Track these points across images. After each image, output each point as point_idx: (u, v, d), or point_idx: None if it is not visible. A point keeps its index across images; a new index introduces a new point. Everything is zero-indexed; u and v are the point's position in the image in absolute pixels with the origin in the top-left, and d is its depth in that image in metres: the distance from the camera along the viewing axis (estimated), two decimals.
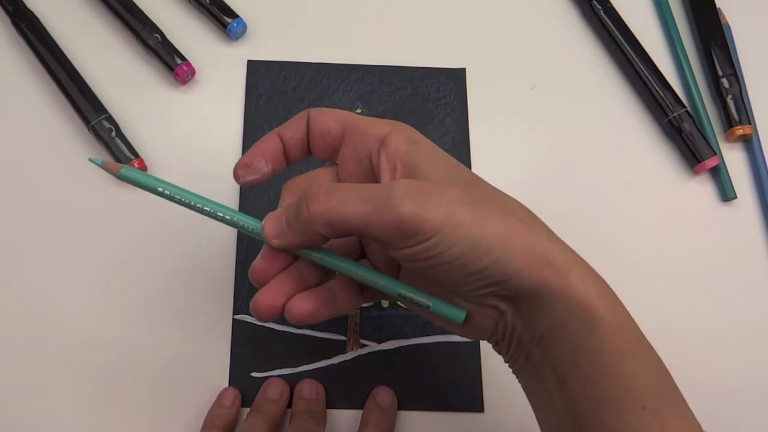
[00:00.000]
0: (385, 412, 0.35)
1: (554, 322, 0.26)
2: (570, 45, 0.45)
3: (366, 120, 0.28)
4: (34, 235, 0.38)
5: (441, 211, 0.24)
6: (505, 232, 0.25)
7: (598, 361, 0.25)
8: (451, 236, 0.24)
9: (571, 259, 0.26)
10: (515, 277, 0.25)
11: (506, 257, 0.25)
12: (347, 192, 0.25)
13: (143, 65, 0.42)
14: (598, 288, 0.26)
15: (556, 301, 0.25)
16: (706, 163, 0.41)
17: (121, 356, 0.36)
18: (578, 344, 0.25)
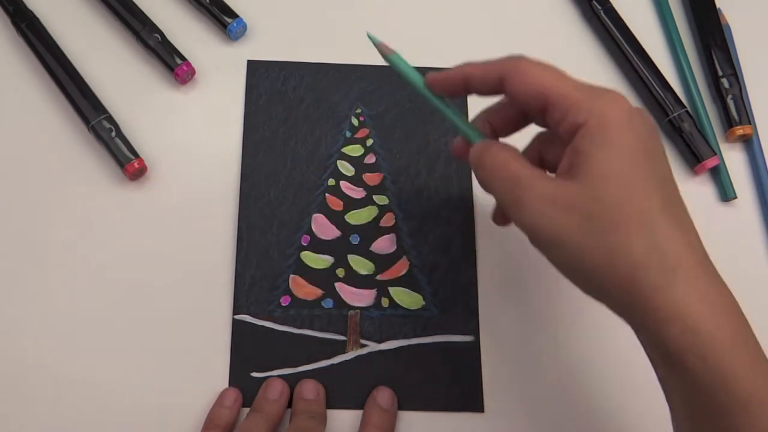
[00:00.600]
0: (386, 412, 0.35)
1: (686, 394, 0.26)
2: (570, 45, 0.45)
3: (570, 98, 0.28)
4: (33, 235, 0.38)
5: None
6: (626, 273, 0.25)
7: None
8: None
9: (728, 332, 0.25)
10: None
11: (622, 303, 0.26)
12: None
13: (143, 65, 0.42)
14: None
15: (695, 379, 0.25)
16: (706, 163, 0.41)
17: (119, 356, 0.36)
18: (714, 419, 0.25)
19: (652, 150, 0.27)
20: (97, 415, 0.35)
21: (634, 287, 0.25)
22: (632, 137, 0.27)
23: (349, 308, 0.38)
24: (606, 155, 0.27)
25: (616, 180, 0.26)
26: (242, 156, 0.40)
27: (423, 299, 0.38)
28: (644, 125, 0.27)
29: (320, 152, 0.41)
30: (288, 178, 0.40)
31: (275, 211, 0.39)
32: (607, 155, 0.26)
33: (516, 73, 0.30)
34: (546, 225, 0.27)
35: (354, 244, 0.39)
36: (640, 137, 0.27)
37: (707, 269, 0.26)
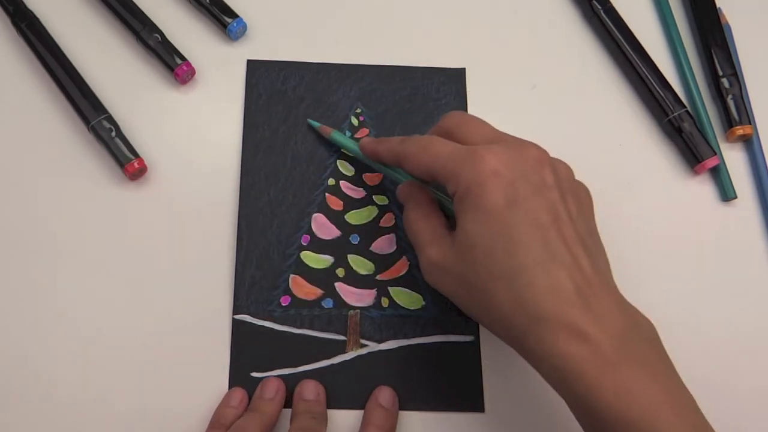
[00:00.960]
0: (387, 412, 0.35)
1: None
2: (570, 45, 0.45)
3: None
4: (33, 235, 0.38)
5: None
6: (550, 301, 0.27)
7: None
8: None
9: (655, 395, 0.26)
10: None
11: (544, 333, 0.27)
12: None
13: (143, 65, 0.42)
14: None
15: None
16: (706, 163, 0.41)
17: (118, 356, 0.36)
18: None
19: (521, 199, 0.28)
20: (96, 415, 0.35)
21: (510, 338, 0.29)
22: (493, 197, 0.28)
23: (349, 308, 0.38)
24: (470, 218, 0.29)
25: (478, 242, 0.28)
26: (242, 156, 0.40)
27: (423, 299, 0.38)
28: (514, 174, 0.28)
29: (320, 152, 0.41)
30: (288, 178, 0.40)
31: (275, 211, 0.39)
32: (471, 218, 0.29)
33: (405, 159, 0.33)
34: (437, 284, 0.32)
35: (354, 244, 0.39)
36: (502, 192, 0.28)
37: (577, 304, 0.27)
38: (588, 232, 0.30)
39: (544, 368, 0.28)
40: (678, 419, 0.26)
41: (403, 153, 0.33)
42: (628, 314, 0.28)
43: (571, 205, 0.30)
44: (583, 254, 0.28)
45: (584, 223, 0.30)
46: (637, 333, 0.28)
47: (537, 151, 0.30)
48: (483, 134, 0.32)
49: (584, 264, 0.28)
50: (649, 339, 0.29)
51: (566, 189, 0.30)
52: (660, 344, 0.29)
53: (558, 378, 0.27)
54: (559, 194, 0.29)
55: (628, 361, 0.26)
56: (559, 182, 0.30)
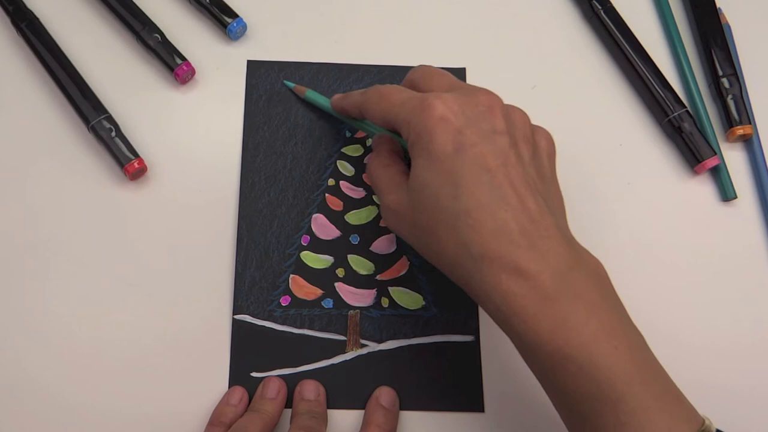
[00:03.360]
0: (388, 412, 0.35)
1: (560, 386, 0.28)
2: (570, 45, 0.45)
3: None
4: (33, 235, 0.38)
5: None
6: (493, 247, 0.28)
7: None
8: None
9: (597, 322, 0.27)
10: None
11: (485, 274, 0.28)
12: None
13: (143, 65, 0.42)
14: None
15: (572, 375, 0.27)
16: (706, 163, 0.41)
17: (119, 356, 0.36)
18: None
19: (468, 144, 0.28)
20: (96, 415, 0.35)
21: (457, 279, 0.30)
22: (441, 143, 0.29)
23: (349, 308, 0.38)
24: (420, 164, 0.29)
25: (426, 187, 0.29)
26: (242, 156, 0.40)
27: (423, 299, 0.38)
28: (462, 121, 0.29)
29: (320, 152, 0.41)
30: (288, 178, 0.40)
31: (275, 211, 0.39)
32: (420, 164, 0.29)
33: (365, 110, 0.34)
34: (394, 229, 0.33)
35: (354, 244, 0.39)
36: (451, 138, 0.29)
37: (521, 243, 0.27)
38: (540, 177, 0.30)
39: (488, 307, 0.28)
40: (617, 353, 0.26)
41: (364, 104, 0.34)
42: (573, 251, 0.28)
43: (523, 149, 0.30)
44: (530, 196, 0.28)
45: (536, 168, 0.30)
46: (580, 270, 0.28)
47: (488, 97, 0.30)
48: (442, 84, 0.32)
49: (530, 206, 0.28)
50: (595, 275, 0.29)
51: (519, 135, 0.30)
52: (606, 281, 0.29)
53: (500, 316, 0.28)
54: (509, 139, 0.29)
55: (568, 297, 0.27)
56: (512, 128, 0.30)
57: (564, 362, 0.26)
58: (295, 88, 0.41)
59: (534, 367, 0.29)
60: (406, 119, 0.30)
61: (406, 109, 0.30)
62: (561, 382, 0.27)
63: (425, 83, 0.33)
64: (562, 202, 0.32)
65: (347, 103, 0.36)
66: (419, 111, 0.29)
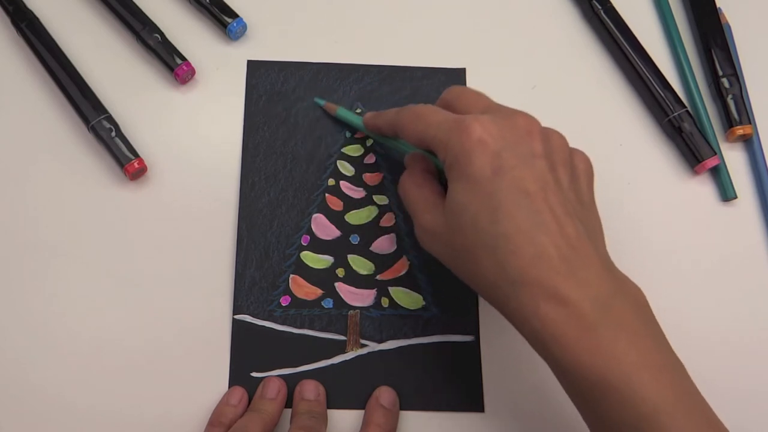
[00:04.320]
0: (388, 411, 0.35)
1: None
2: (570, 45, 0.45)
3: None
4: (33, 235, 0.38)
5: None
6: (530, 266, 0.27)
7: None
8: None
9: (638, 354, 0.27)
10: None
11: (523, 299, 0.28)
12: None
13: (143, 65, 0.42)
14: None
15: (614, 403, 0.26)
16: (706, 163, 0.41)
17: (119, 356, 0.36)
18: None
19: (507, 168, 0.28)
20: (96, 415, 0.35)
21: (494, 302, 0.29)
22: (479, 166, 0.28)
23: (349, 308, 0.38)
24: (458, 187, 0.29)
25: (465, 210, 0.29)
26: (242, 156, 0.40)
27: (423, 299, 0.38)
28: (500, 144, 0.29)
29: (320, 152, 0.41)
30: (288, 178, 0.40)
31: (275, 211, 0.39)
32: (458, 187, 0.29)
33: (400, 129, 0.33)
34: (430, 250, 0.32)
35: (354, 244, 0.39)
36: (489, 161, 0.28)
37: (560, 270, 0.27)
38: (579, 201, 0.30)
39: (525, 331, 0.28)
40: (658, 383, 0.26)
41: (399, 123, 0.33)
42: (613, 279, 0.28)
43: (561, 174, 0.30)
44: (570, 222, 0.28)
45: (575, 192, 0.30)
46: (621, 297, 0.28)
47: (526, 120, 0.30)
48: (479, 105, 0.32)
49: (570, 231, 0.28)
50: (635, 304, 0.28)
51: (558, 159, 0.30)
52: (647, 309, 0.29)
53: (538, 341, 0.28)
54: (547, 163, 0.29)
55: (609, 325, 0.27)
56: (550, 152, 0.30)
57: (606, 392, 0.26)
58: (325, 106, 0.41)
59: (573, 394, 0.28)
60: (443, 141, 0.30)
61: (442, 131, 0.30)
62: (602, 411, 0.27)
63: (461, 104, 0.33)
64: (601, 226, 0.31)
65: (381, 122, 0.36)
66: (457, 133, 0.29)
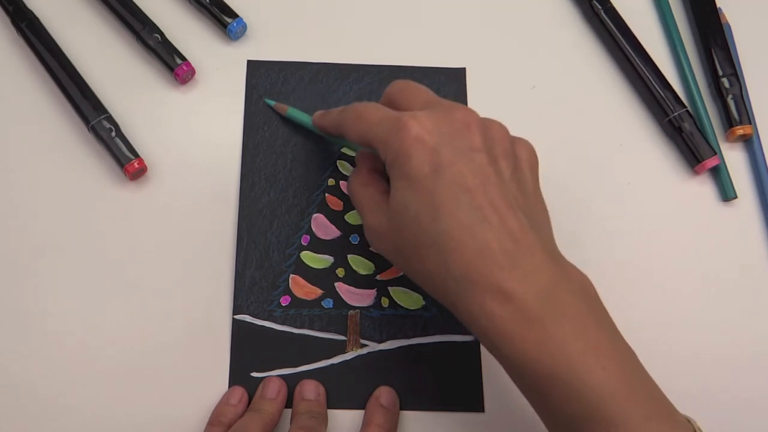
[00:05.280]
0: (389, 411, 0.35)
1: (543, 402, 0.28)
2: (570, 45, 0.45)
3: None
4: (33, 235, 0.38)
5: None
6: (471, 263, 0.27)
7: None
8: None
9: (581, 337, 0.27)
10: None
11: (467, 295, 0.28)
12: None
13: (143, 65, 0.42)
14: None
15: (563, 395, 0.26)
16: (707, 163, 0.41)
17: (119, 356, 0.36)
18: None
19: (445, 164, 0.28)
20: (96, 415, 0.35)
21: (443, 300, 0.29)
22: (417, 164, 0.28)
23: (349, 308, 0.38)
24: (398, 186, 0.29)
25: (406, 209, 0.28)
26: (242, 156, 0.40)
27: (423, 299, 0.38)
28: (437, 139, 0.28)
29: (320, 152, 0.41)
30: (288, 178, 0.40)
31: (275, 211, 0.39)
32: (399, 186, 0.29)
33: (343, 129, 0.33)
34: (378, 250, 0.32)
35: (354, 244, 0.39)
36: (427, 158, 0.28)
37: (503, 264, 0.27)
38: (522, 192, 0.30)
39: (474, 329, 0.28)
40: (605, 372, 0.26)
41: (342, 122, 0.33)
42: (558, 269, 0.28)
43: (503, 165, 0.29)
44: (512, 215, 0.28)
45: (518, 183, 0.30)
46: (566, 287, 0.27)
47: (464, 113, 0.30)
48: (419, 100, 0.32)
49: (512, 224, 0.27)
50: (581, 292, 0.28)
51: (498, 150, 0.29)
52: (593, 297, 0.29)
53: (487, 338, 0.27)
54: (487, 156, 0.29)
55: (553, 316, 0.26)
56: (490, 143, 0.29)
57: (552, 383, 0.26)
58: (275, 107, 0.41)
59: (524, 389, 0.28)
60: (383, 140, 0.30)
61: (382, 130, 0.30)
62: (551, 403, 0.27)
63: (403, 99, 0.32)
64: (547, 215, 0.31)
65: (327, 121, 0.36)
66: (395, 131, 0.29)
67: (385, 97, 0.34)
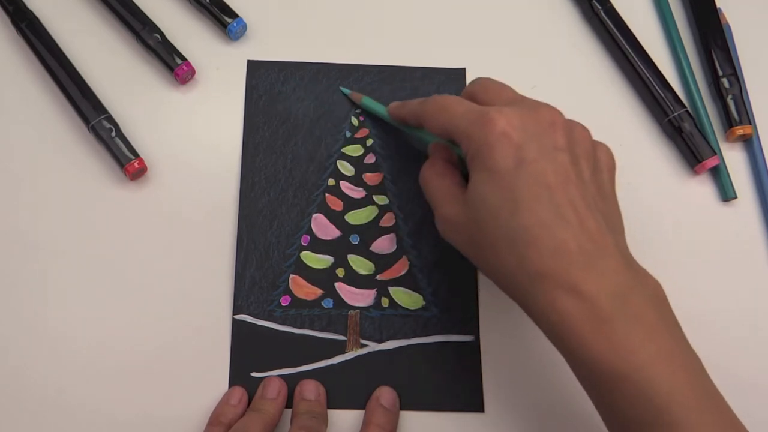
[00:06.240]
0: (389, 411, 0.35)
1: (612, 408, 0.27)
2: (570, 45, 0.45)
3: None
4: (33, 235, 0.38)
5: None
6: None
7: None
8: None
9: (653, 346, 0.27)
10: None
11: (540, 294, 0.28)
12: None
13: (143, 65, 0.42)
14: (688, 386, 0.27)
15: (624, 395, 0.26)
16: (706, 163, 0.41)
17: (119, 356, 0.36)
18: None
19: (529, 160, 0.28)
20: (96, 416, 0.35)
21: (513, 295, 0.29)
22: (501, 158, 0.28)
23: (349, 308, 0.38)
24: (479, 179, 0.29)
25: (485, 202, 0.29)
26: (242, 156, 0.40)
27: (423, 299, 0.38)
28: (523, 136, 0.29)
29: (320, 152, 0.41)
30: (288, 178, 0.40)
31: (275, 211, 0.39)
32: (480, 179, 0.29)
33: (424, 120, 0.33)
34: (451, 240, 0.32)
35: (354, 244, 0.39)
36: (511, 153, 0.28)
37: (579, 263, 0.27)
38: (600, 194, 0.30)
39: (543, 325, 0.28)
40: (674, 377, 0.26)
41: (423, 113, 0.33)
42: (632, 273, 0.28)
43: (584, 166, 0.30)
44: (590, 215, 0.28)
45: (597, 185, 0.30)
46: (639, 291, 0.28)
47: (550, 112, 0.30)
48: (503, 97, 0.32)
49: (590, 225, 0.28)
50: (654, 298, 0.28)
51: (580, 151, 0.30)
52: (665, 304, 0.29)
53: (556, 334, 0.28)
54: (569, 157, 0.29)
55: (625, 318, 0.26)
56: (572, 144, 0.30)
57: (620, 384, 0.26)
58: (351, 95, 0.41)
59: (588, 387, 0.28)
60: (467, 132, 0.30)
61: (466, 122, 0.30)
62: (616, 403, 0.27)
63: (486, 95, 0.32)
64: (621, 219, 0.31)
65: (405, 112, 0.36)
66: (480, 125, 0.29)
67: (465, 92, 0.34)
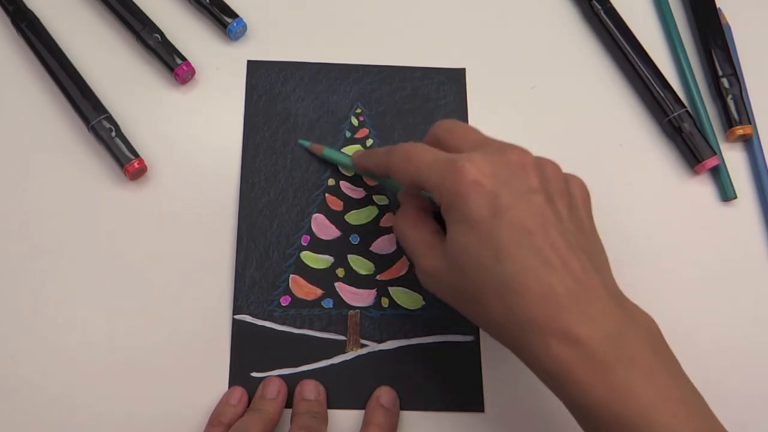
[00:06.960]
0: (389, 411, 0.35)
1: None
2: (570, 45, 0.45)
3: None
4: (33, 235, 0.38)
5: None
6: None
7: None
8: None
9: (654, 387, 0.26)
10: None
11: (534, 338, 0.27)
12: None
13: (143, 65, 0.42)
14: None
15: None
16: (706, 163, 0.41)
17: (119, 356, 0.36)
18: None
19: (504, 207, 0.28)
20: (96, 416, 0.35)
21: (505, 342, 0.29)
22: (476, 207, 0.28)
23: (349, 308, 0.38)
24: (456, 230, 0.29)
25: (467, 252, 0.28)
26: (242, 156, 0.40)
27: (423, 299, 0.38)
28: (495, 183, 0.28)
29: None
30: (288, 178, 0.40)
31: (275, 211, 0.39)
32: (457, 229, 0.29)
33: (391, 171, 0.32)
34: (434, 291, 0.32)
35: (354, 244, 0.39)
36: (486, 202, 0.28)
37: (568, 308, 0.27)
38: (581, 231, 0.30)
39: (539, 373, 0.28)
40: (676, 420, 0.26)
41: (389, 165, 0.32)
42: (623, 312, 0.28)
43: (560, 205, 0.29)
44: (573, 256, 0.27)
45: (575, 223, 0.30)
46: (632, 331, 0.27)
47: (519, 154, 0.29)
48: (469, 140, 0.31)
49: (574, 265, 0.27)
50: (647, 336, 0.28)
51: (554, 190, 0.29)
52: (660, 340, 0.29)
53: (552, 381, 0.27)
54: (544, 197, 0.28)
55: (622, 361, 0.26)
56: (546, 183, 0.29)
57: (620, 428, 0.26)
58: (310, 147, 0.40)
59: (588, 430, 0.28)
60: (437, 183, 0.29)
61: (435, 173, 0.29)
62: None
63: (451, 140, 0.32)
64: (604, 253, 0.31)
65: (371, 163, 0.35)
66: (451, 175, 0.28)
67: (430, 136, 0.33)
